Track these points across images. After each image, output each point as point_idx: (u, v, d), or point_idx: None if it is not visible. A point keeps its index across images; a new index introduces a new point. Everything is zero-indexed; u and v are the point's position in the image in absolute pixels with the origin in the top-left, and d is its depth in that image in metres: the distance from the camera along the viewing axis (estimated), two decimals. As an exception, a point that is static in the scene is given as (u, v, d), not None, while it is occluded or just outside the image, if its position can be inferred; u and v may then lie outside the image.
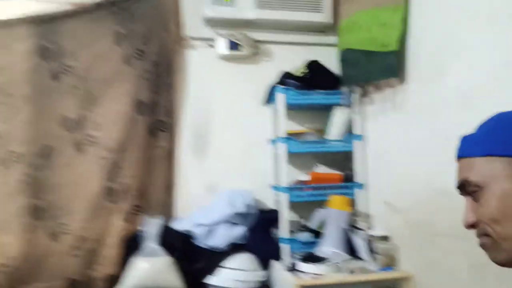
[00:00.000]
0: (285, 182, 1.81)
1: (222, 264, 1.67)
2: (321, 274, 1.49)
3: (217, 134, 2.01)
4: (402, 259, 1.56)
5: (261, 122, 2.04)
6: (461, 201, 1.24)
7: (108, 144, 1.80)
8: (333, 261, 1.54)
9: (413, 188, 1.50)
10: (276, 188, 1.95)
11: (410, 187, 1.52)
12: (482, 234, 0.63)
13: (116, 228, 1.79)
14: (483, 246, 0.63)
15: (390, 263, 1.57)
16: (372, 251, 1.59)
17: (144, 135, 1.88)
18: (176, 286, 1.57)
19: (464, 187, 0.65)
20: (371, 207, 1.81)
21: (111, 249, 1.77)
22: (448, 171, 1.33)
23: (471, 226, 0.64)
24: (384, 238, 1.65)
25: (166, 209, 1.90)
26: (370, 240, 1.66)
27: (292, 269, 1.56)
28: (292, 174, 1.89)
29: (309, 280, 1.44)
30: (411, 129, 1.52)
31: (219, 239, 1.70)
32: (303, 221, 1.93)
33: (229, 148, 2.01)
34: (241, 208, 1.77)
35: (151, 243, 1.64)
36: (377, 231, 1.66)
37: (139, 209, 1.84)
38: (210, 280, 1.66)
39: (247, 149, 2.02)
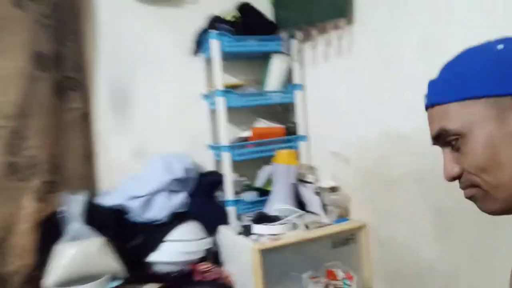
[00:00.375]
0: (225, 140, 1.64)
1: (164, 237, 1.48)
2: (277, 234, 1.38)
3: (140, 91, 1.74)
4: (356, 209, 1.52)
5: (191, 74, 1.80)
6: (420, 145, 1.20)
7: (4, 110, 1.43)
8: (286, 218, 1.44)
9: (363, 136, 1.44)
10: (215, 147, 1.77)
11: (359, 135, 1.46)
12: (469, 186, 0.56)
13: (27, 210, 1.46)
14: (471, 198, 0.57)
15: (343, 215, 1.52)
16: (324, 204, 1.52)
17: (50, 96, 1.53)
18: (113, 269, 1.35)
19: (441, 138, 0.57)
20: (317, 159, 1.73)
21: (24, 237, 1.45)
22: (403, 115, 1.30)
23: (454, 178, 0.57)
24: (334, 189, 1.60)
25: (88, 183, 1.62)
26: (319, 193, 1.60)
27: (245, 232, 1.43)
28: (230, 132, 1.72)
29: (267, 243, 1.32)
30: (359, 74, 1.44)
31: (158, 210, 1.49)
32: (246, 181, 1.80)
33: (156, 107, 1.76)
34: (180, 173, 1.57)
35: (75, 224, 1.37)
36: (326, 183, 1.60)
37: (54, 185, 1.53)
38: (152, 256, 1.46)
39: (177, 106, 1.79)
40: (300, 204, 1.59)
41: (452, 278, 1.18)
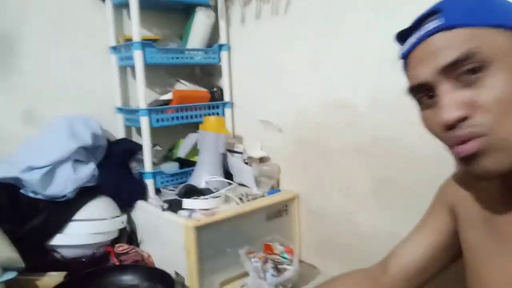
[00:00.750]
0: (143, 102, 1.41)
1: (70, 216, 1.21)
2: (210, 209, 1.24)
3: (32, 42, 1.38)
4: (287, 180, 1.46)
5: (96, 23, 1.49)
6: (363, 114, 1.18)
7: None
8: (219, 191, 1.31)
9: (299, 104, 1.37)
10: (126, 111, 1.52)
11: (294, 103, 1.39)
12: (473, 137, 0.49)
13: None
14: (474, 154, 0.50)
15: (274, 186, 1.45)
16: (254, 175, 1.42)
17: None
18: (6, 258, 1.05)
19: (454, 67, 0.50)
20: (244, 128, 1.61)
21: None
22: (344, 83, 1.26)
23: (453, 124, 0.50)
24: (264, 160, 1.51)
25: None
26: (248, 163, 1.49)
27: (171, 208, 1.25)
28: (146, 94, 1.48)
29: (203, 219, 1.17)
30: (296, 35, 1.34)
31: (62, 184, 1.20)
32: (164, 150, 1.59)
33: (52, 60, 1.42)
34: (87, 140, 1.30)
35: None
36: (256, 153, 1.50)
37: None
38: (55, 240, 1.19)
39: (78, 61, 1.47)
40: (228, 176, 1.47)
41: (390, 246, 1.19)
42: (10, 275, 1.06)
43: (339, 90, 1.24)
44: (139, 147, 1.49)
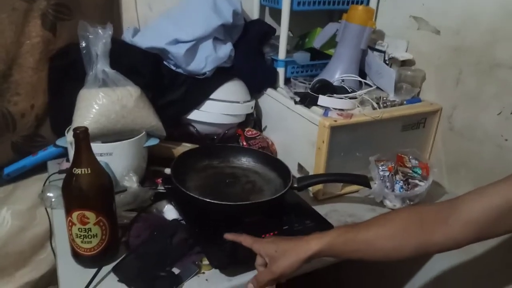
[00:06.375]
0: (288, -20, 1.27)
1: (207, 94, 1.23)
2: (345, 110, 1.17)
3: None
4: (431, 89, 1.30)
5: None
6: None
7: None
8: (357, 92, 1.22)
9: (468, 3, 1.14)
10: (266, -12, 1.41)
11: (462, 1, 1.16)
12: None
13: (34, 40, 1.14)
14: None
15: (415, 95, 1.31)
16: (396, 79, 1.29)
17: None
18: (152, 125, 1.12)
19: None
20: (390, 22, 1.42)
21: (28, 71, 1.17)
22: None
23: None
24: (408, 63, 1.35)
25: (109, 13, 1.27)
26: (389, 64, 1.35)
27: (305, 102, 1.20)
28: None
29: (340, 120, 1.11)
30: None
31: (203, 61, 1.20)
32: (298, 39, 1.49)
33: None
34: (229, 18, 1.24)
35: (102, 66, 1.07)
36: (400, 54, 1.34)
37: (65, 10, 1.17)
38: (191, 114, 1.24)
39: None
40: (362, 75, 1.35)
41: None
42: (154, 141, 1.15)
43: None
44: (273, 31, 1.41)
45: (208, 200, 0.93)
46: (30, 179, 1.25)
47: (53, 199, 1.05)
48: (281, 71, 1.37)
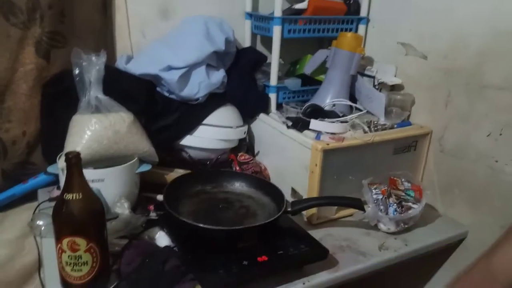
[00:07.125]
0: (279, 9, 1.31)
1: (200, 120, 1.24)
2: (337, 134, 1.18)
3: None
4: (422, 113, 1.32)
5: None
6: None
7: None
8: (348, 116, 1.23)
9: (459, 27, 1.18)
10: (256, 17, 1.45)
11: (451, 25, 1.20)
12: None
13: (27, 67, 1.15)
14: None
15: (405, 119, 1.33)
16: (386, 103, 1.31)
17: None
18: (144, 151, 1.12)
19: None
20: (379, 49, 1.46)
21: (22, 97, 1.17)
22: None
23: None
24: (397, 88, 1.38)
25: (102, 40, 1.29)
26: (378, 89, 1.38)
27: (297, 126, 1.22)
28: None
29: (332, 143, 1.12)
30: None
31: (196, 87, 1.21)
32: (285, 64, 1.52)
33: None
34: (221, 45, 1.26)
35: (95, 92, 1.08)
36: (390, 79, 1.37)
37: (59, 38, 1.19)
38: (184, 140, 1.24)
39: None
40: (352, 100, 1.37)
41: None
42: (146, 167, 1.15)
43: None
44: (264, 58, 1.44)
45: (201, 225, 0.92)
46: (20, 208, 1.23)
47: (42, 228, 1.03)
48: (273, 96, 1.39)
